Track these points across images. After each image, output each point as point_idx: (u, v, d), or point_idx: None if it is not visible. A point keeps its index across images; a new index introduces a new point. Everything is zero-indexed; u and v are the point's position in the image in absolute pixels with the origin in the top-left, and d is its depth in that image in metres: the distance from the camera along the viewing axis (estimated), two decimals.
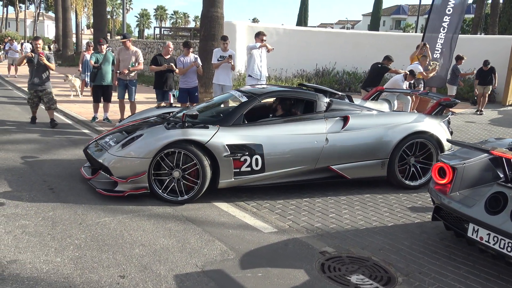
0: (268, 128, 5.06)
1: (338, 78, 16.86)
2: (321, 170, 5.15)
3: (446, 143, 5.43)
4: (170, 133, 4.67)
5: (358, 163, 5.22)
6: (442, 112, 5.82)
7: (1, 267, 3.12)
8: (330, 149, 5.09)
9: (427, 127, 5.42)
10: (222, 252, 3.59)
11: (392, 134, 5.28)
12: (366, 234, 4.08)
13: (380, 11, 54.18)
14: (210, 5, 11.08)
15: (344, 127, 5.20)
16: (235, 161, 4.77)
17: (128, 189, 4.63)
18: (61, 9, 31.11)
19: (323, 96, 5.49)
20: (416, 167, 5.45)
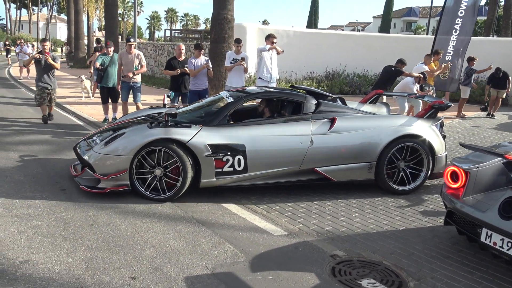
0: (252, 128, 5.06)
1: (348, 80, 16.81)
2: (306, 172, 5.10)
3: (438, 147, 5.32)
4: (151, 131, 4.75)
5: (344, 166, 5.14)
6: (434, 115, 5.66)
7: (14, 267, 3.16)
8: (315, 150, 5.04)
9: (417, 131, 5.27)
10: (232, 254, 3.59)
11: (379, 136, 5.17)
12: (377, 238, 4.05)
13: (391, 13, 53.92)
14: (221, 7, 11.11)
15: (330, 129, 5.14)
16: (217, 161, 4.79)
17: (109, 186, 4.73)
18: (73, 11, 31.44)
19: (311, 98, 5.46)
20: (406, 172, 5.30)
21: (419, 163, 5.32)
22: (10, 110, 10.59)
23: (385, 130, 5.22)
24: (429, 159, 5.27)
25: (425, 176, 5.33)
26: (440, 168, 5.38)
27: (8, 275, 3.05)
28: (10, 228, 3.81)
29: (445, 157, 5.46)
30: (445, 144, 5.57)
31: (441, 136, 5.52)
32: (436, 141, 5.33)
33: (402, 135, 5.19)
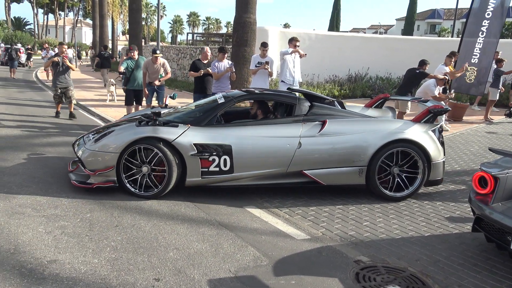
0: (239, 129, 5.08)
1: (371, 83, 16.64)
2: (294, 175, 5.04)
3: (435, 153, 5.11)
4: (138, 130, 4.88)
5: (333, 169, 5.03)
6: (432, 120, 5.39)
7: (42, 267, 3.22)
8: (303, 153, 4.97)
9: (412, 135, 5.06)
10: (255, 258, 3.58)
11: (371, 141, 5.01)
12: (402, 243, 3.98)
13: (414, 15, 53.11)
14: (243, 11, 11.17)
15: (319, 132, 5.06)
16: (203, 161, 4.84)
17: (97, 181, 4.89)
18: (98, 16, 32.11)
19: (304, 101, 5.41)
20: (401, 177, 5.12)
21: (414, 169, 5.13)
22: (38, 112, 10.86)
23: (377, 134, 5.06)
24: (425, 165, 5.07)
25: (420, 183, 5.13)
26: (437, 175, 5.19)
27: (36, 274, 3.12)
28: (38, 228, 3.89)
29: (442, 163, 5.23)
30: (444, 150, 5.33)
31: (439, 141, 5.26)
32: (432, 147, 5.10)
33: (394, 140, 5.01)
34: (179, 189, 5.12)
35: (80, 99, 13.25)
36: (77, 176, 5.08)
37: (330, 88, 14.98)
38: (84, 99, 13.21)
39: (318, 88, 14.86)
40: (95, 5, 32.91)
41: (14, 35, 54.44)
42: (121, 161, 4.81)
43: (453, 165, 6.93)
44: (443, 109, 5.54)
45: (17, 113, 10.58)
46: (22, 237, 3.68)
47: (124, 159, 4.82)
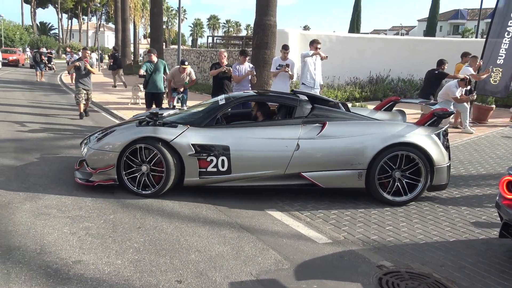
0: (238, 130, 5.10)
1: (392, 85, 16.45)
2: (292, 177, 4.99)
3: (438, 157, 4.94)
4: (138, 129, 5.03)
5: (332, 172, 4.96)
6: (436, 123, 5.21)
7: (67, 267, 3.28)
8: (301, 155, 4.93)
9: (413, 139, 4.92)
10: (276, 261, 3.57)
11: (370, 143, 4.91)
12: (426, 249, 3.91)
13: (436, 16, 52.16)
14: (263, 13, 11.18)
15: (318, 134, 5.00)
16: (201, 161, 4.91)
17: (98, 179, 5.05)
18: (120, 20, 32.59)
19: (306, 103, 5.35)
20: (402, 182, 4.98)
21: (416, 174, 4.99)
22: (62, 115, 11.08)
23: (377, 137, 4.95)
24: (427, 170, 4.93)
25: (422, 188, 4.99)
26: (441, 180, 5.03)
27: (61, 274, 3.18)
28: (63, 229, 3.97)
29: (447, 168, 5.04)
30: (449, 154, 5.16)
31: (444, 145, 5.09)
32: (435, 151, 4.95)
33: (395, 143, 4.89)
34: (200, 191, 5.16)
35: (103, 101, 13.48)
36: (81, 174, 5.27)
37: (351, 91, 14.86)
38: (106, 102, 13.43)
39: (339, 90, 14.75)
40: (117, 10, 33.42)
41: (39, 40, 55.79)
42: (122, 160, 4.95)
43: (479, 169, 6.78)
44: (447, 112, 5.38)
45: (42, 116, 10.82)
46: (48, 238, 3.76)
47: (125, 157, 4.96)
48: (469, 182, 6.05)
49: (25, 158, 6.46)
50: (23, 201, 4.63)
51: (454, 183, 5.95)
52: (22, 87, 18.67)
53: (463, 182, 6.06)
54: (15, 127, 9.02)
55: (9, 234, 3.79)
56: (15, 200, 4.64)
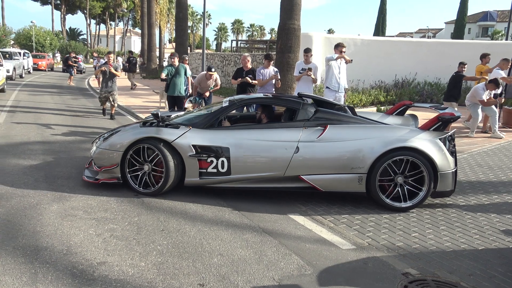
0: (239, 132, 5.14)
1: (419, 89, 16.15)
2: (292, 179, 4.96)
3: (443, 163, 4.77)
4: (141, 130, 5.24)
5: (331, 176, 4.89)
6: (442, 128, 5.03)
7: (92, 268, 3.33)
8: (300, 158, 4.89)
9: (416, 143, 4.77)
10: (299, 266, 3.54)
11: (371, 147, 4.80)
12: (454, 257, 3.80)
13: (465, 18, 51.11)
14: (287, 17, 11.17)
15: (318, 137, 4.94)
16: (201, 162, 5.02)
17: (103, 177, 5.28)
18: (146, 25, 33.17)
19: (309, 106, 5.31)
20: (406, 187, 4.86)
21: (419, 179, 4.84)
22: (90, 118, 11.33)
23: (379, 141, 4.83)
24: (431, 176, 4.77)
25: (425, 194, 4.83)
26: (445, 186, 4.85)
27: (86, 275, 3.23)
28: (89, 230, 4.04)
29: (451, 174, 4.86)
30: (455, 160, 4.98)
31: (449, 151, 4.91)
32: (439, 156, 4.79)
33: (396, 147, 4.76)
34: (224, 195, 5.18)
35: (129, 105, 13.71)
36: (89, 172, 5.50)
37: (376, 94, 14.67)
38: (133, 106, 13.66)
39: (364, 94, 14.58)
40: (143, 15, 34.04)
41: (68, 45, 57.34)
42: (126, 159, 5.12)
43: (509, 175, 6.58)
44: (453, 117, 5.14)
45: (70, 119, 11.09)
46: (74, 239, 3.83)
47: (129, 156, 5.13)
48: (499, 189, 5.87)
49: (53, 160, 6.62)
50: (50, 202, 4.73)
51: (483, 189, 5.79)
52: (51, 91, 19.19)
53: (492, 188, 5.89)
54: (44, 129, 9.27)
55: (37, 235, 3.88)
56: (43, 202, 4.76)
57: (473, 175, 6.58)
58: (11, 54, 25.13)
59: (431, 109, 5.72)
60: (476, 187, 5.95)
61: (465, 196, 5.54)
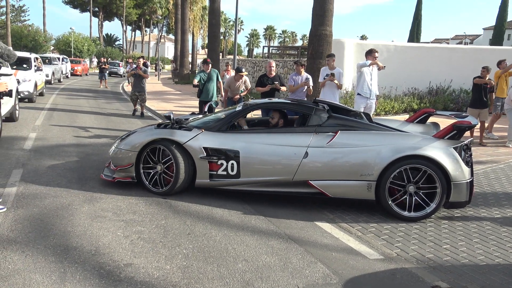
0: (249, 136, 5.19)
1: (454, 97, 15.72)
2: (300, 184, 4.93)
3: (456, 173, 4.59)
4: (155, 131, 5.41)
5: (340, 182, 4.84)
6: (457, 137, 4.88)
7: (118, 269, 3.39)
8: (309, 163, 4.85)
9: (428, 152, 4.63)
10: (324, 275, 3.48)
11: (382, 154, 4.70)
12: (487, 271, 3.65)
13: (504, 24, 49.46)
14: (319, 23, 11.15)
15: (328, 143, 4.88)
16: (212, 164, 5.13)
17: (118, 176, 5.49)
18: (180, 31, 33.80)
19: (322, 111, 5.24)
20: (418, 196, 4.71)
21: (431, 189, 4.68)
22: (123, 122, 11.60)
23: (390, 148, 4.71)
24: (443, 185, 4.59)
25: (437, 204, 4.66)
26: (459, 197, 4.67)
27: (113, 276, 3.28)
28: (117, 232, 4.11)
29: (466, 184, 4.68)
30: (472, 170, 4.78)
31: (464, 160, 4.74)
32: (452, 166, 4.63)
33: (408, 155, 4.64)
34: (251, 201, 5.17)
35: (160, 109, 13.96)
36: (108, 170, 5.69)
37: (409, 102, 14.36)
38: (164, 110, 13.89)
39: (396, 101, 14.30)
40: (177, 21, 34.73)
41: (105, 51, 59.08)
42: (141, 159, 5.33)
43: None
44: (468, 125, 4.94)
45: (104, 122, 11.39)
46: (102, 240, 3.91)
47: (144, 156, 5.31)
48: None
49: (86, 162, 6.80)
50: (81, 203, 4.85)
51: None
52: (86, 95, 19.79)
53: None
54: (79, 132, 9.55)
55: (68, 235, 3.98)
56: (75, 203, 4.88)
57: (509, 186, 6.32)
58: (50, 59, 26.07)
59: (451, 117, 5.53)
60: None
61: (500, 208, 5.32)
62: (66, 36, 55.08)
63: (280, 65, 18.80)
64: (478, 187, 6.10)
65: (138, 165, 5.37)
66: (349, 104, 11.77)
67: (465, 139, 4.98)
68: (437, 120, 6.39)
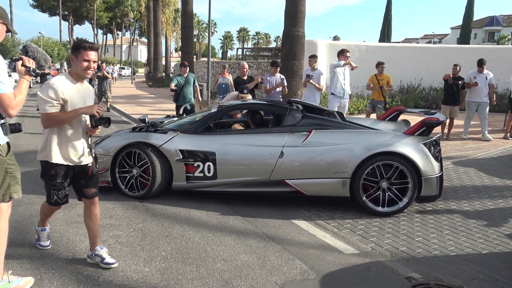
0: (225, 137, 5.27)
1: (424, 94, 16.14)
2: (277, 183, 5.02)
3: (427, 167, 4.77)
4: (130, 135, 5.41)
5: (316, 180, 4.94)
6: (427, 133, 5.06)
7: (97, 274, 3.37)
8: (284, 162, 4.96)
9: (399, 148, 4.78)
10: (302, 271, 3.55)
11: (355, 152, 4.83)
12: (457, 261, 3.79)
13: (471, 23, 50.92)
14: (292, 25, 11.26)
15: (303, 142, 5.00)
16: (188, 166, 5.15)
17: None
18: (152, 34, 33.47)
19: (296, 111, 5.35)
20: (390, 192, 4.85)
21: (403, 184, 4.84)
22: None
23: (363, 146, 4.86)
24: (415, 180, 4.77)
25: (410, 198, 4.82)
26: (430, 191, 4.84)
27: (91, 280, 3.27)
28: None
29: (436, 179, 4.84)
30: (441, 165, 4.97)
31: (434, 155, 4.91)
32: (423, 161, 4.79)
33: (380, 152, 4.79)
34: (228, 201, 5.20)
35: (134, 113, 13.82)
36: None
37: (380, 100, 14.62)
38: (138, 113, 13.76)
39: (368, 99, 14.56)
40: (149, 24, 34.39)
41: None
42: (116, 162, 5.28)
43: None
44: (437, 122, 5.14)
45: None
46: (79, 245, 3.88)
47: (120, 160, 5.30)
48: (503, 193, 5.85)
49: None
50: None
51: (488, 195, 5.77)
52: None
53: (497, 193, 5.87)
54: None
55: None
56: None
57: (478, 179, 6.55)
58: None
59: (420, 114, 5.72)
60: (481, 191, 5.93)
61: (469, 200, 5.53)
62: (35, 40, 53.82)
63: (254, 66, 18.90)
64: (448, 181, 6.31)
65: (114, 170, 5.34)
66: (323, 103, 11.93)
67: (434, 135, 5.15)
68: (407, 117, 6.56)
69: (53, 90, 3.11)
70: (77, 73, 3.24)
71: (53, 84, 3.13)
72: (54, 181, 3.38)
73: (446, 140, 9.64)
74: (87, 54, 3.18)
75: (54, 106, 3.13)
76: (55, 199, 3.45)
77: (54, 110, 3.14)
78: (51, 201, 3.48)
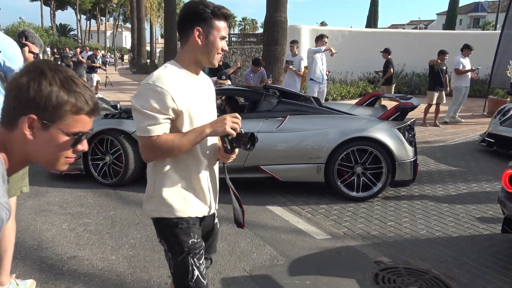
0: None
1: (407, 80, 16.17)
2: (252, 169, 4.98)
3: (400, 152, 4.77)
4: (103, 122, 5.32)
5: (290, 166, 4.93)
6: (401, 118, 5.03)
7: (61, 262, 3.31)
8: (258, 148, 4.87)
9: (373, 133, 4.79)
10: (271, 257, 3.53)
11: (329, 137, 4.83)
12: (427, 244, 3.81)
13: (456, 9, 50.98)
14: (274, 10, 11.12)
15: (277, 127, 4.97)
16: None
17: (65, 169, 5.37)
18: (136, 20, 32.95)
19: (272, 97, 5.31)
20: (366, 177, 4.87)
21: (378, 169, 4.85)
22: None
23: (337, 131, 4.86)
24: (389, 165, 4.78)
25: (384, 183, 4.84)
26: (404, 175, 4.85)
27: (55, 269, 3.20)
28: (62, 225, 4.01)
29: (410, 163, 4.85)
30: (415, 150, 5.00)
31: (408, 140, 4.92)
32: (396, 146, 4.79)
33: (354, 137, 4.80)
34: None
35: (116, 100, 13.61)
36: None
37: (364, 86, 14.67)
38: (121, 100, 13.56)
39: (352, 86, 14.58)
40: (133, 10, 33.85)
41: (59, 41, 56.79)
42: (88, 150, 5.15)
43: (490, 165, 6.60)
44: (411, 107, 5.12)
45: None
46: (46, 234, 3.80)
47: (92, 147, 5.22)
48: (478, 177, 5.90)
49: None
50: (26, 198, 4.68)
51: (463, 179, 5.81)
52: None
53: (472, 177, 5.91)
54: None
55: None
56: (18, 198, 4.68)
57: (454, 163, 6.60)
58: None
59: (396, 99, 5.70)
60: (455, 176, 5.97)
61: (444, 185, 5.56)
62: (16, 26, 52.53)
63: (238, 52, 18.71)
64: (424, 166, 6.34)
65: (86, 157, 5.25)
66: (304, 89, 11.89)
67: (408, 120, 5.14)
68: (385, 102, 6.55)
69: (158, 96, 1.76)
70: (200, 60, 1.91)
71: (156, 84, 1.76)
72: (188, 243, 1.93)
73: (434, 126, 9.63)
74: (224, 27, 1.90)
75: (160, 124, 1.80)
76: (197, 277, 1.94)
77: (161, 130, 1.82)
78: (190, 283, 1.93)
